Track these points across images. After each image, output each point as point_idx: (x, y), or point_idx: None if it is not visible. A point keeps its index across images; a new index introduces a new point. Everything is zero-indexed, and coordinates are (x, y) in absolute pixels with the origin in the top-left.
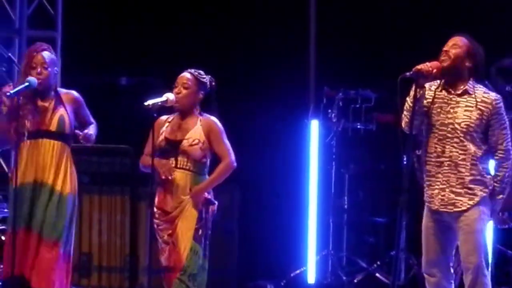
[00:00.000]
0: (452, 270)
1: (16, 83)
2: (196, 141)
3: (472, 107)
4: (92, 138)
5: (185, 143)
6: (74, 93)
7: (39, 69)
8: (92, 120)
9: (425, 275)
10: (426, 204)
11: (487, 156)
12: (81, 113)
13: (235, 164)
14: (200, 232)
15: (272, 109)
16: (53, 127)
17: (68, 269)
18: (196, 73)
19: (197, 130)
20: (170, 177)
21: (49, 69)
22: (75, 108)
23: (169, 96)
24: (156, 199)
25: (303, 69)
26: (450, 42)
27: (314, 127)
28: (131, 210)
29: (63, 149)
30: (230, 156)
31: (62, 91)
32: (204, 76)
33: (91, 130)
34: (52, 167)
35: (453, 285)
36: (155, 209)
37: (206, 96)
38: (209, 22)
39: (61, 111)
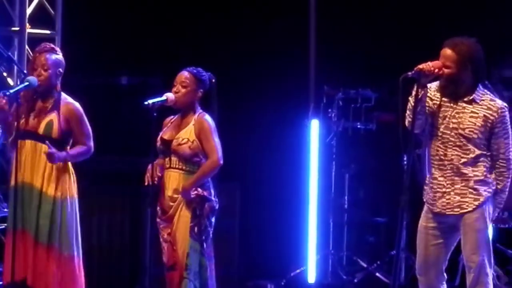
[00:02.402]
0: (444, 273)
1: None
2: (185, 140)
3: (478, 114)
4: (57, 158)
5: (174, 142)
6: (75, 105)
7: (39, 71)
8: (85, 141)
9: (418, 276)
10: (427, 205)
11: (491, 158)
12: (74, 128)
13: (221, 161)
14: (196, 229)
15: (272, 109)
16: (40, 129)
17: (74, 274)
18: (195, 71)
19: (188, 129)
20: (151, 183)
21: (50, 70)
22: (68, 119)
23: (169, 95)
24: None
25: (303, 69)
26: (441, 60)
27: (314, 126)
28: (131, 210)
29: None
30: (216, 153)
31: (66, 99)
32: (204, 74)
33: (74, 150)
34: (40, 170)
35: (445, 286)
36: (157, 208)
37: (206, 94)
38: (209, 22)
39: (52, 115)
